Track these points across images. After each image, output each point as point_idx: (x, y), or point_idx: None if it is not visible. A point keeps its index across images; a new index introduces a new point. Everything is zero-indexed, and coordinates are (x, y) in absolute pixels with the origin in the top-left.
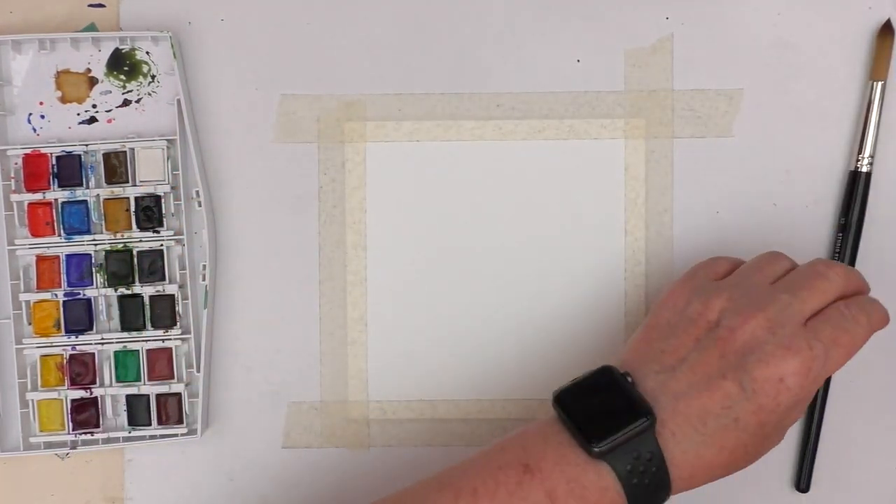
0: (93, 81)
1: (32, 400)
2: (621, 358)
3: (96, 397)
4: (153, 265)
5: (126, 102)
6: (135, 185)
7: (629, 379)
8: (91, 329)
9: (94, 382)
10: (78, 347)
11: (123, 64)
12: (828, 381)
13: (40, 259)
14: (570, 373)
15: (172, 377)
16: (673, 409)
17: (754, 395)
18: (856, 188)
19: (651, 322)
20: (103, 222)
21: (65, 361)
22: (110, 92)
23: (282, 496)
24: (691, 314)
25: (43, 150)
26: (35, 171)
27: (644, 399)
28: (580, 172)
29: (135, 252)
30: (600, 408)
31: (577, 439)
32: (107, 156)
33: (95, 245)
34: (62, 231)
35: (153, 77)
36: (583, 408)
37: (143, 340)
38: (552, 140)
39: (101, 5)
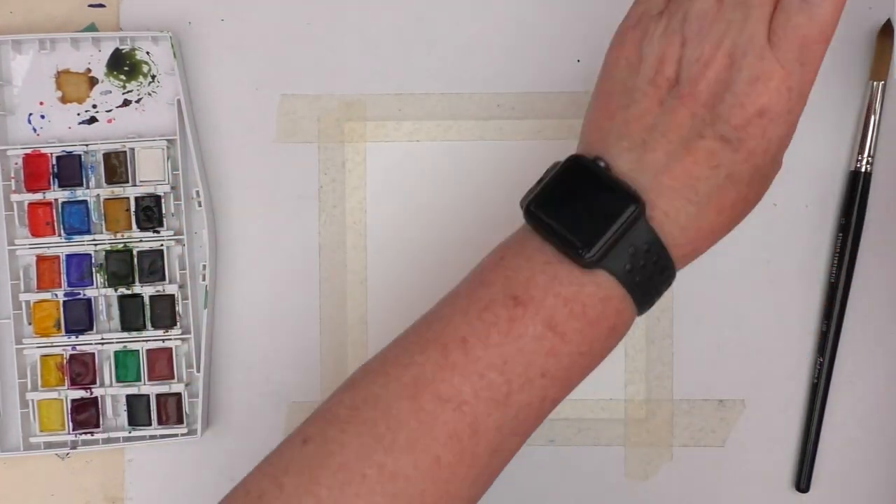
0: (93, 81)
1: (32, 400)
2: (583, 141)
3: (96, 397)
4: (153, 265)
5: (126, 102)
6: (135, 185)
7: (602, 164)
8: (91, 329)
9: (94, 382)
10: (78, 347)
11: (123, 64)
12: (828, 381)
13: (40, 259)
14: None
15: (172, 377)
16: (657, 186)
17: (740, 143)
18: (856, 188)
19: (604, 88)
20: (103, 222)
21: (65, 361)
22: (110, 92)
23: None
24: (647, 73)
25: (43, 150)
26: (35, 171)
27: (626, 184)
28: None
29: (135, 252)
30: (580, 208)
31: (565, 252)
32: (107, 156)
33: (95, 245)
34: (62, 231)
35: (153, 77)
36: (560, 213)
37: (143, 340)
38: (552, 140)
39: (101, 5)
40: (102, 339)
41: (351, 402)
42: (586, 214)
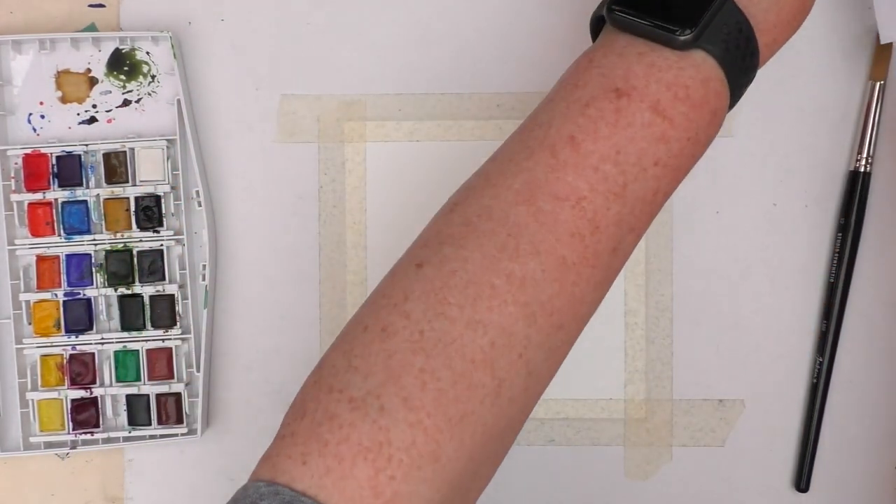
0: (93, 81)
1: (32, 400)
2: None
3: (96, 397)
4: (153, 265)
5: (126, 102)
6: (135, 185)
7: None
8: (91, 329)
9: (94, 382)
10: (78, 347)
11: (123, 64)
12: (827, 381)
13: (40, 259)
14: (569, 372)
15: (172, 377)
16: None
17: None
18: (855, 188)
19: None
20: (103, 222)
21: (65, 361)
22: (110, 92)
23: None
24: None
25: (43, 150)
26: (35, 171)
27: None
28: None
29: (135, 252)
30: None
31: (659, 37)
32: (107, 156)
33: (95, 245)
34: (62, 231)
35: (153, 77)
36: (647, 7)
37: (143, 340)
38: None
39: (101, 5)
40: (102, 339)
41: (462, 218)
42: (670, 5)
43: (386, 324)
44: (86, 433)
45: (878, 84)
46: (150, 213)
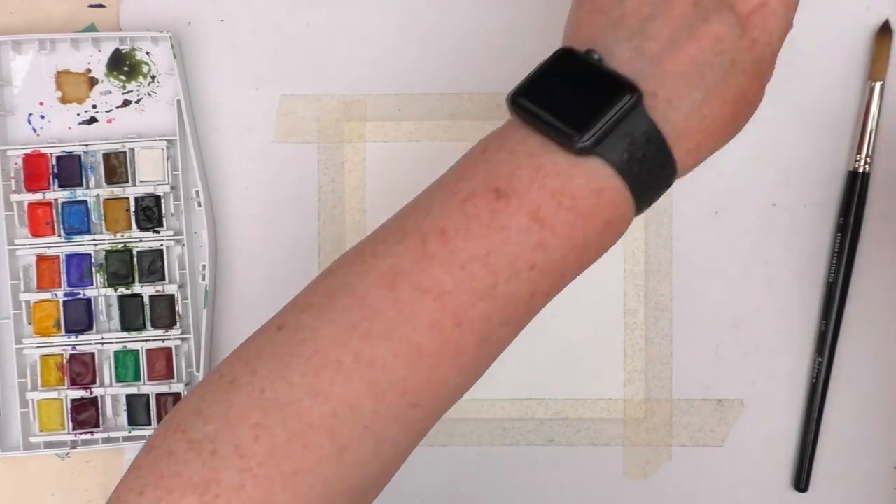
0: (93, 82)
1: (32, 400)
2: (571, 37)
3: (96, 397)
4: (153, 265)
5: (126, 103)
6: (135, 185)
7: (595, 56)
8: (91, 329)
9: (94, 382)
10: (78, 347)
11: (123, 64)
12: (827, 381)
13: (40, 259)
14: (569, 372)
15: (172, 377)
16: (660, 73)
17: (744, 30)
18: (855, 188)
19: None
20: (103, 222)
21: (65, 361)
22: (110, 92)
23: None
24: None
25: (43, 150)
26: (35, 171)
27: (621, 74)
28: None
29: (135, 252)
30: (571, 95)
31: (554, 138)
32: (107, 156)
33: (95, 245)
34: (62, 231)
35: (153, 77)
36: (550, 100)
37: (142, 340)
38: None
39: (101, 5)
40: (102, 338)
41: (327, 289)
42: (578, 101)
43: (235, 376)
44: (86, 433)
45: (878, 84)
46: (150, 213)
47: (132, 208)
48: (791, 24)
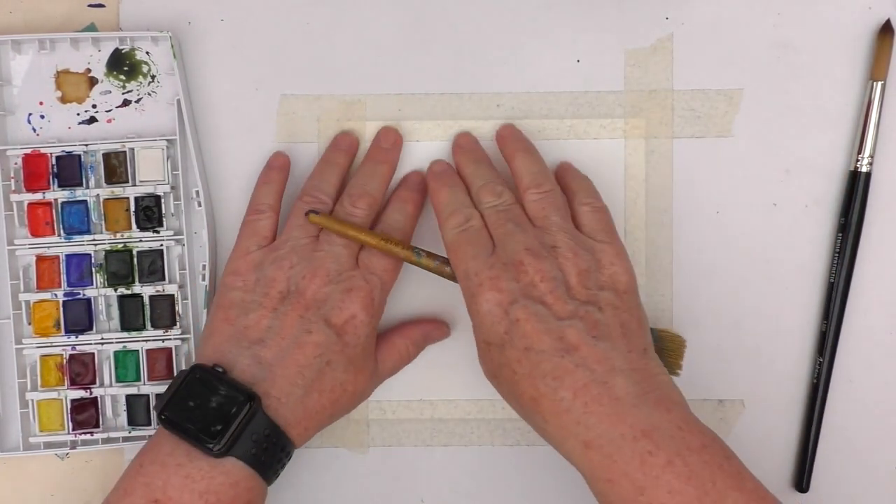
0: (93, 81)
1: (32, 400)
2: (207, 347)
3: (96, 397)
4: (153, 265)
5: (126, 102)
6: (135, 185)
7: (220, 370)
8: (91, 329)
9: (93, 382)
10: (78, 347)
11: (123, 64)
12: (827, 381)
13: (40, 259)
14: None
15: (172, 377)
16: (272, 377)
17: (338, 336)
18: (856, 188)
19: (223, 302)
20: (103, 222)
21: (65, 361)
22: (110, 92)
23: (281, 496)
24: (263, 287)
25: (43, 150)
26: (35, 171)
27: (242, 384)
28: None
29: (135, 252)
30: (206, 408)
31: (197, 446)
32: (107, 156)
33: (95, 245)
34: (62, 231)
35: (153, 77)
36: (189, 415)
37: (142, 340)
38: (552, 140)
39: (100, 5)
40: (102, 339)
41: None
42: (212, 414)
43: None
44: (85, 433)
45: (878, 84)
46: (149, 213)
47: (132, 208)
48: (376, 325)
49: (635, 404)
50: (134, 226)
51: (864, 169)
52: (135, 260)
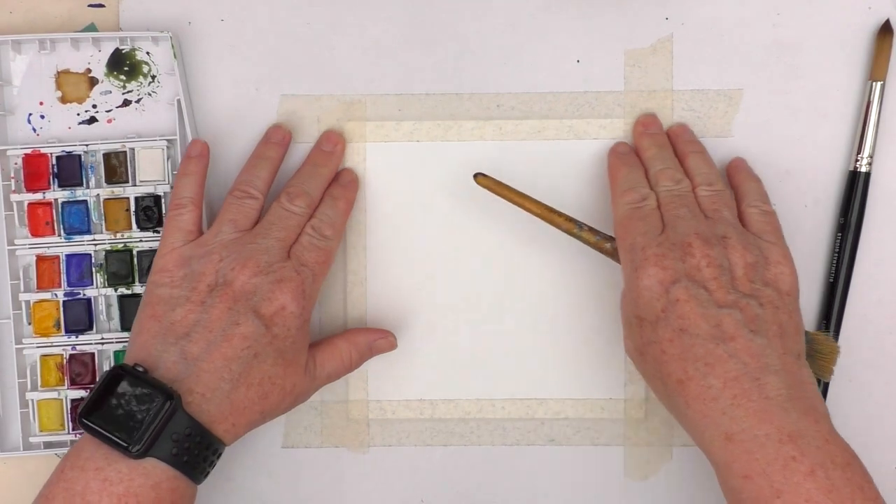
0: (93, 81)
1: (32, 400)
2: (134, 346)
3: None
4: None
5: (126, 102)
6: (135, 185)
7: (140, 369)
8: (91, 329)
9: (93, 382)
10: (78, 347)
11: (123, 64)
12: (827, 381)
13: (40, 259)
14: (570, 372)
15: None
16: (197, 372)
17: (267, 328)
18: (855, 188)
19: (150, 300)
20: (103, 222)
21: (65, 361)
22: (110, 92)
23: (281, 496)
24: (191, 282)
25: (43, 150)
26: (35, 171)
27: (161, 383)
28: (580, 172)
29: (135, 252)
30: (124, 410)
31: (116, 450)
32: (107, 156)
33: (95, 245)
34: (62, 231)
35: (153, 77)
36: (108, 417)
37: None
38: (552, 140)
39: (101, 5)
40: (102, 339)
41: None
42: (130, 414)
43: None
44: None
45: (878, 84)
46: (149, 213)
47: (132, 208)
48: (308, 320)
49: (785, 407)
50: (134, 226)
51: (863, 169)
52: (135, 260)
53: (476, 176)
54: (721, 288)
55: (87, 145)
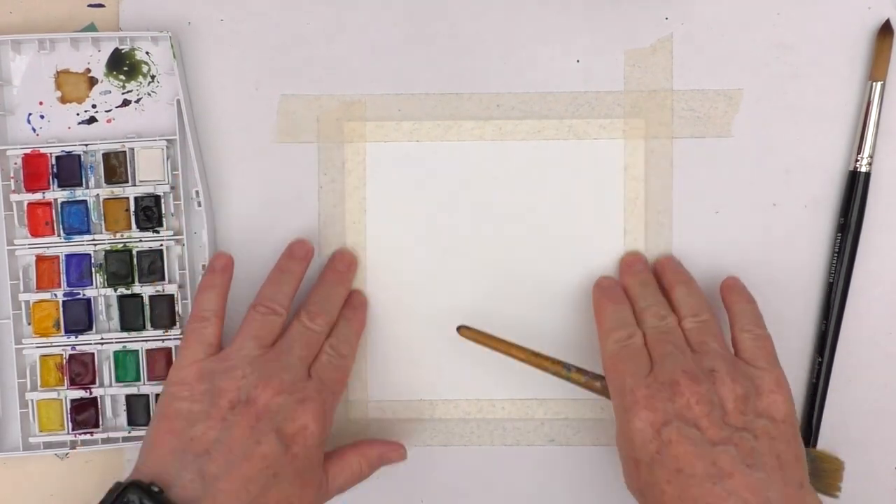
0: (92, 81)
1: (32, 400)
2: (149, 459)
3: (96, 397)
4: (153, 265)
5: (126, 102)
6: (134, 185)
7: (156, 489)
8: (91, 329)
9: (93, 382)
10: (77, 347)
11: (123, 64)
12: (827, 381)
13: (40, 259)
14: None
15: None
16: (214, 493)
17: (287, 447)
18: (855, 188)
19: (168, 412)
20: (103, 222)
21: (64, 361)
22: (110, 92)
23: None
24: (212, 397)
25: (43, 150)
26: (35, 171)
27: None
28: (580, 172)
29: (134, 252)
30: None
31: None
32: (106, 156)
33: (95, 245)
34: (62, 231)
35: (153, 77)
36: None
37: (142, 340)
38: (552, 140)
39: (100, 5)
40: (102, 339)
41: None
42: None
43: None
44: (85, 433)
45: (878, 84)
46: (149, 213)
47: (132, 208)
48: (326, 439)
49: None
50: (134, 226)
51: (863, 169)
52: (134, 260)
53: (459, 329)
54: (713, 425)
55: (86, 145)
